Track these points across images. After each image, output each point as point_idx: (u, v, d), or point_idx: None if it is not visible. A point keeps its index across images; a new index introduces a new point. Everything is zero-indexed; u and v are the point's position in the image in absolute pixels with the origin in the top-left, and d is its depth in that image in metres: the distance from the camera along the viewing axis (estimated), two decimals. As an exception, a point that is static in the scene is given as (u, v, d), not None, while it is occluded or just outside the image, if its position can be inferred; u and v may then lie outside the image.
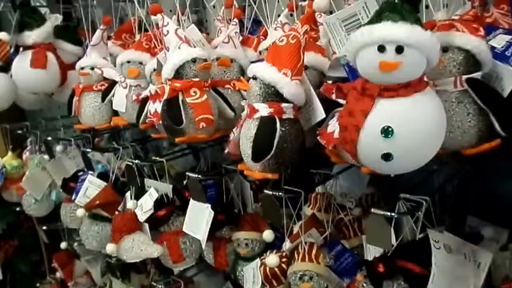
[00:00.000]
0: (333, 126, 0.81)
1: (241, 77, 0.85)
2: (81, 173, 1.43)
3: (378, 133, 0.62)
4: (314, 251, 0.97)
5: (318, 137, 0.82)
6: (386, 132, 0.61)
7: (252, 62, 1.05)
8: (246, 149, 0.82)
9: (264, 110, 0.80)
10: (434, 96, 0.65)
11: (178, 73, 0.94)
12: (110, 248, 1.19)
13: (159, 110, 1.07)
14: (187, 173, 1.07)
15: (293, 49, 0.80)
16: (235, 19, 1.07)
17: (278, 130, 0.78)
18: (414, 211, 0.85)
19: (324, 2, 0.80)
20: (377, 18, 0.62)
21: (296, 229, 1.10)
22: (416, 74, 0.62)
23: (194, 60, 0.94)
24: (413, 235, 0.90)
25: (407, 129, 0.62)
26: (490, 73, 0.72)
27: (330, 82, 0.86)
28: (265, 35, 1.13)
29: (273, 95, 0.80)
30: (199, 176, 1.05)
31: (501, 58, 0.73)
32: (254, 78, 0.81)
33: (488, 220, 0.96)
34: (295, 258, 0.98)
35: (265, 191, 0.91)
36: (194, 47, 0.98)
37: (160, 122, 1.06)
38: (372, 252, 0.99)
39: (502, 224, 0.94)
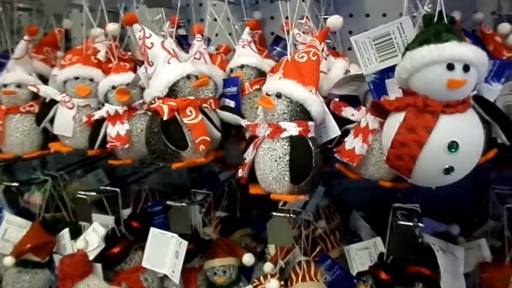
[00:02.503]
0: (351, 143, 0.82)
1: (263, 94, 0.80)
2: (-9, 212, 1.17)
3: (444, 148, 0.65)
4: (312, 270, 0.96)
5: (337, 155, 0.83)
6: (452, 147, 0.65)
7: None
8: (273, 172, 0.78)
9: (293, 129, 0.77)
10: (474, 112, 0.71)
11: (172, 91, 0.85)
12: (62, 299, 0.99)
13: (122, 133, 0.97)
14: (168, 202, 0.96)
15: (314, 66, 0.79)
16: (199, 35, 1.00)
17: (313, 149, 0.76)
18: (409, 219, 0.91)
19: (339, 21, 0.81)
20: (436, 38, 0.65)
21: (271, 249, 1.07)
22: (470, 91, 0.67)
23: (188, 77, 0.86)
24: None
25: (469, 143, 0.66)
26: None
27: (337, 99, 0.88)
28: (226, 52, 1.10)
29: (301, 113, 0.78)
30: (183, 204, 0.95)
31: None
32: (278, 96, 0.78)
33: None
34: (293, 279, 0.95)
35: (274, 213, 0.87)
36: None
37: (127, 145, 0.94)
38: (357, 262, 1.03)
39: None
